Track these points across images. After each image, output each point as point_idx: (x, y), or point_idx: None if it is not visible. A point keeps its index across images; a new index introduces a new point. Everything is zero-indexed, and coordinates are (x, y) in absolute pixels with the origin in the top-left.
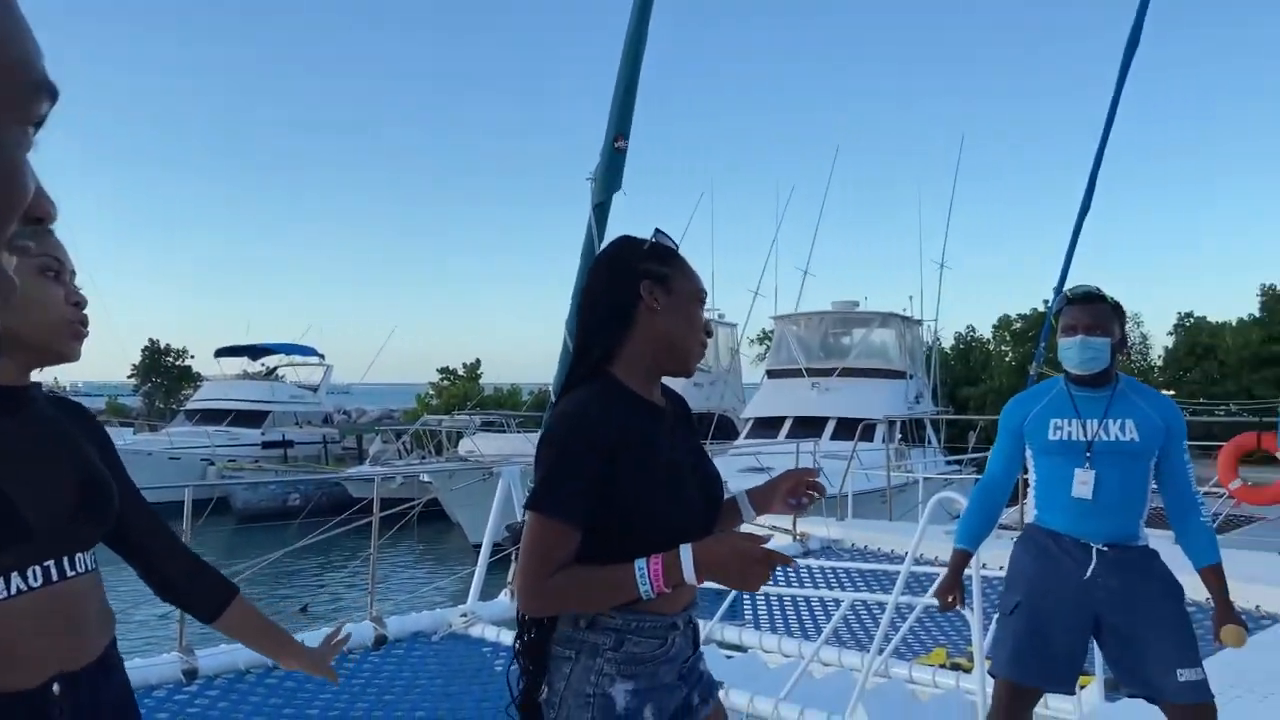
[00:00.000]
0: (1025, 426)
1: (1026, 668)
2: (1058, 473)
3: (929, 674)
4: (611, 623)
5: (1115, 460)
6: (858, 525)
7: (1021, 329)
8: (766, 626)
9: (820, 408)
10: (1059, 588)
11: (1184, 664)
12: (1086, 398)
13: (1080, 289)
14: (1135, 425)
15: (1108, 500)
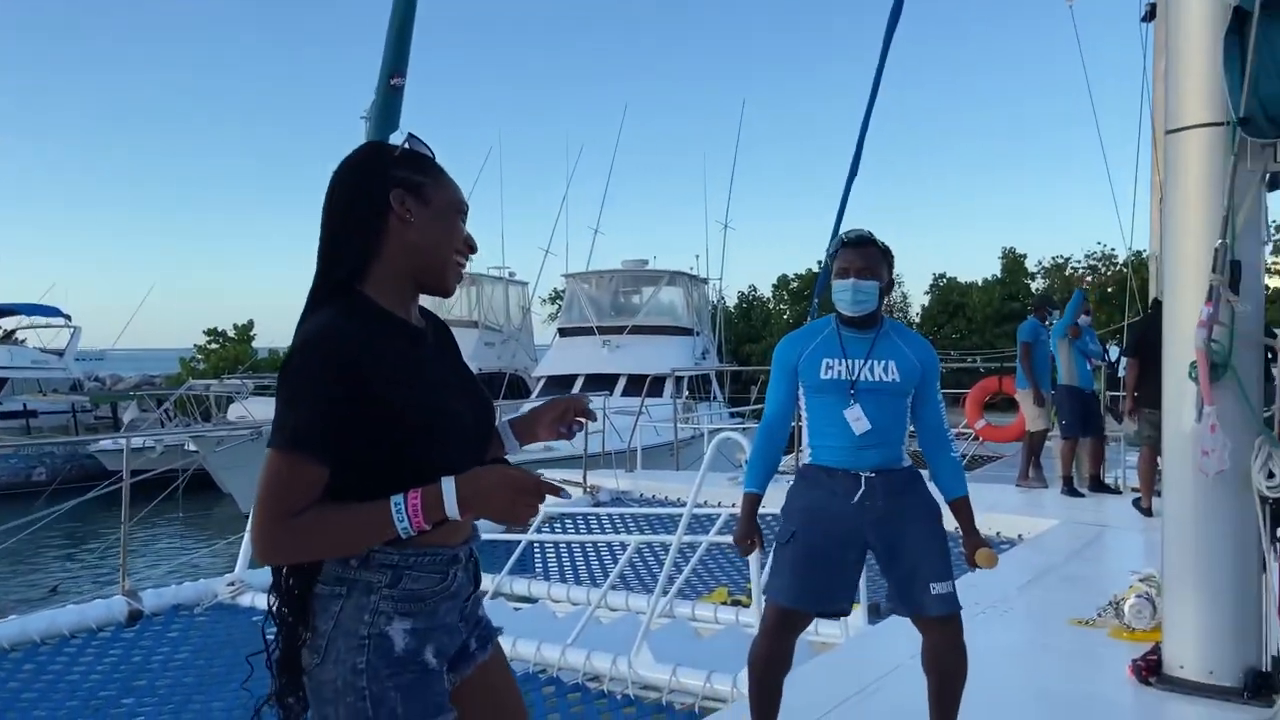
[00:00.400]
0: (799, 365)
1: (800, 594)
2: (827, 410)
3: (711, 611)
4: (388, 558)
5: (876, 398)
6: (646, 476)
7: (798, 288)
8: (556, 576)
9: (611, 365)
10: (831, 516)
11: (937, 578)
12: (854, 338)
13: (854, 233)
14: (896, 366)
15: (873, 433)
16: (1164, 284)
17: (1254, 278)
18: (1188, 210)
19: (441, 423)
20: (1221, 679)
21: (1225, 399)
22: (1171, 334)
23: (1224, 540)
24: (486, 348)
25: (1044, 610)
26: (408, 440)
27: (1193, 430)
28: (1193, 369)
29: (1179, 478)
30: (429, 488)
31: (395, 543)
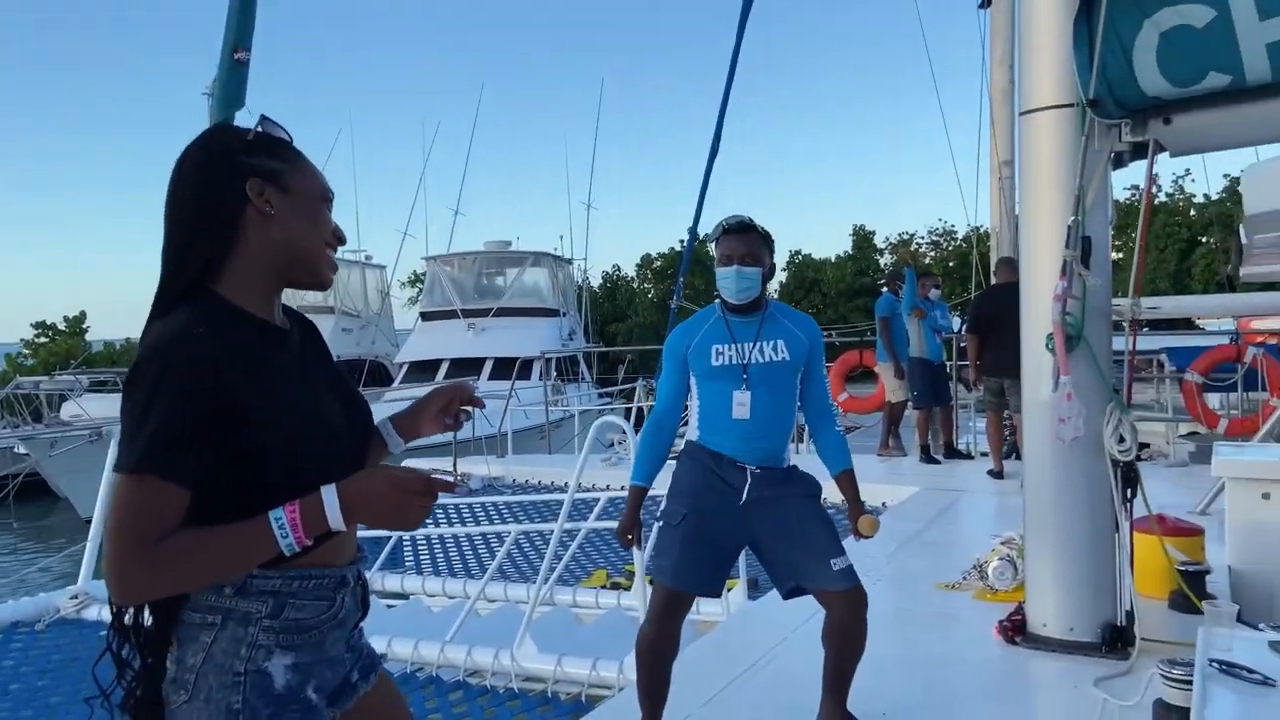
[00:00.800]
0: (689, 354)
1: (686, 576)
2: (719, 397)
3: (592, 597)
4: (268, 583)
5: (768, 379)
6: (518, 461)
7: (662, 267)
8: (429, 570)
9: (477, 348)
10: (719, 509)
11: (835, 554)
12: (740, 323)
13: (735, 219)
14: (785, 344)
15: (761, 420)
16: (1020, 260)
17: (1103, 252)
18: (1041, 189)
19: (314, 430)
20: (1081, 635)
21: (1079, 368)
22: (1029, 308)
23: (1080, 503)
24: (344, 334)
25: (911, 576)
26: (278, 451)
27: (1050, 399)
28: (1049, 341)
29: (1038, 445)
30: (308, 498)
31: (276, 565)
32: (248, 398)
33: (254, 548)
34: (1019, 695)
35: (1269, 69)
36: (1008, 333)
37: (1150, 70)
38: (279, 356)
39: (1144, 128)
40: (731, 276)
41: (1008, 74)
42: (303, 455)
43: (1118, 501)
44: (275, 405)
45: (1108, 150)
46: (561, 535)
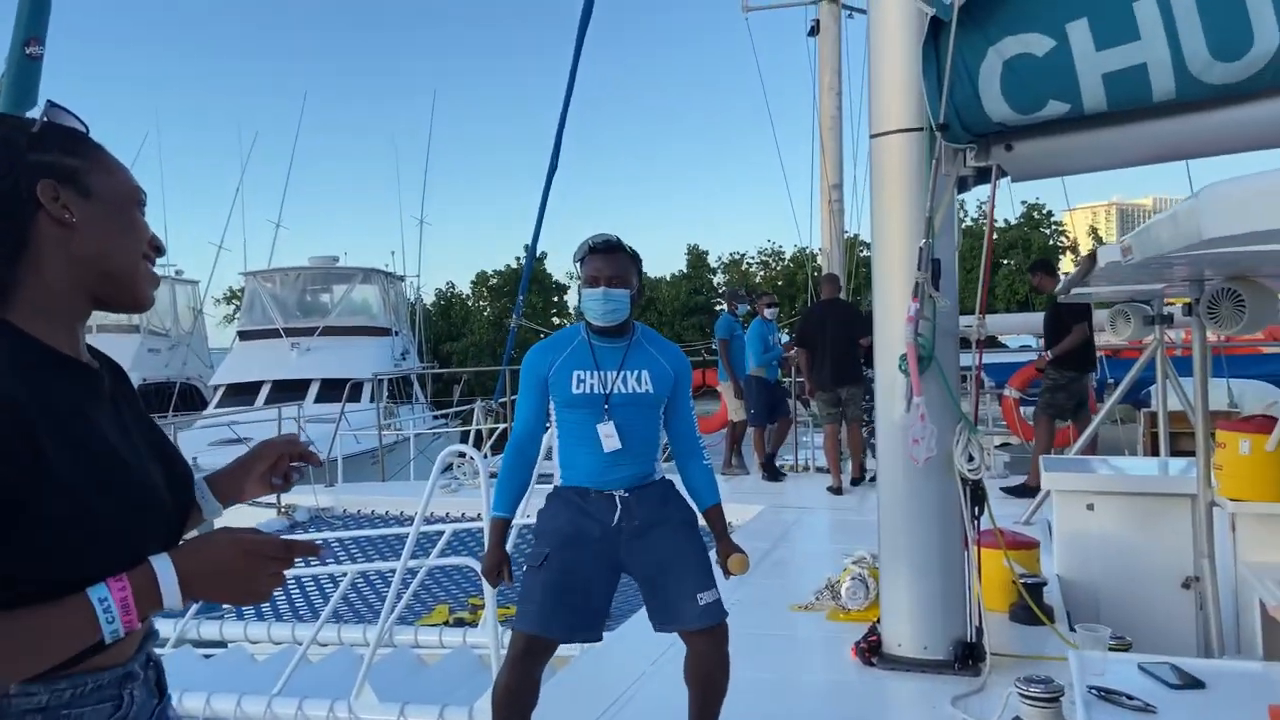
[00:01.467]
0: (550, 377)
1: (553, 622)
2: (580, 427)
3: (435, 635)
4: (33, 699)
5: (631, 411)
6: (349, 490)
7: (498, 284)
8: (251, 614)
9: (302, 369)
10: (586, 539)
11: (701, 587)
12: (606, 348)
13: (601, 238)
14: (650, 376)
15: (627, 448)
16: (873, 282)
17: (950, 274)
18: (892, 211)
19: (135, 494)
20: (935, 653)
21: (930, 389)
22: (882, 330)
23: (931, 521)
24: (151, 355)
25: (765, 598)
26: (91, 517)
27: (902, 420)
28: (902, 362)
29: (890, 466)
30: (138, 571)
31: (42, 674)
32: (57, 453)
33: (65, 637)
34: (879, 718)
35: (1105, 98)
36: (834, 345)
37: (995, 96)
38: (90, 403)
39: (987, 153)
40: (599, 299)
41: (835, 101)
42: (122, 523)
43: (967, 519)
44: (81, 460)
45: (954, 174)
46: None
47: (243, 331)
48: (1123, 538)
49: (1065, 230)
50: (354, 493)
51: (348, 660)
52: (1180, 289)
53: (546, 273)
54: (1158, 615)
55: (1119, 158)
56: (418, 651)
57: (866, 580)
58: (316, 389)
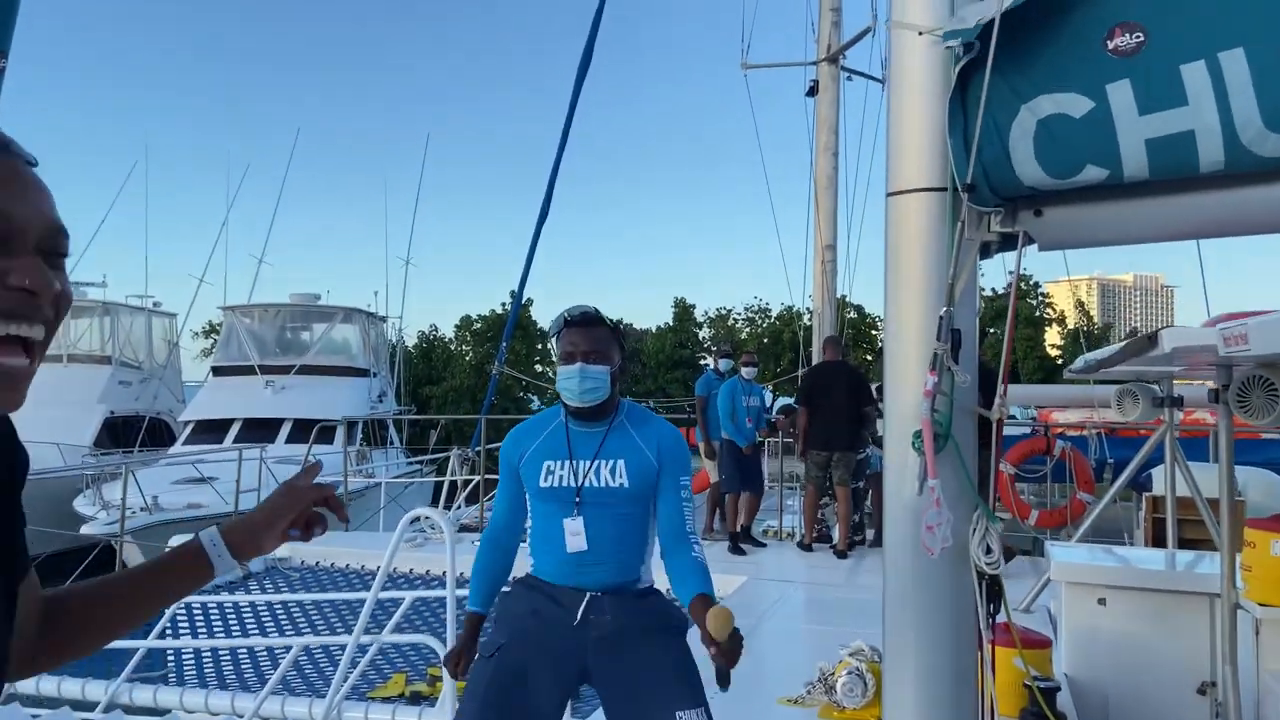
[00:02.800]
0: (520, 468)
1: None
2: (550, 521)
3: (388, 713)
4: None
5: (606, 509)
6: None
7: (482, 329)
8: (193, 680)
9: (275, 408)
10: (547, 632)
11: (683, 703)
12: (582, 434)
13: (578, 310)
14: (625, 467)
15: (600, 549)
16: (885, 350)
17: (970, 347)
18: (909, 276)
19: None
20: None
21: (945, 471)
22: (893, 403)
23: (943, 617)
24: (122, 387)
25: (749, 687)
26: None
27: (913, 502)
28: (916, 439)
29: (899, 554)
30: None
31: None
32: None
33: None
34: None
35: (1147, 165)
36: (833, 407)
37: (1027, 159)
38: None
39: (1014, 219)
40: (574, 377)
41: (832, 161)
42: None
43: (982, 617)
44: None
45: (978, 239)
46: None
47: (216, 367)
48: (1136, 636)
49: (1051, 302)
50: (315, 542)
51: None
52: (1204, 373)
53: (532, 319)
54: None
55: (1159, 230)
56: None
57: (864, 675)
58: (289, 429)
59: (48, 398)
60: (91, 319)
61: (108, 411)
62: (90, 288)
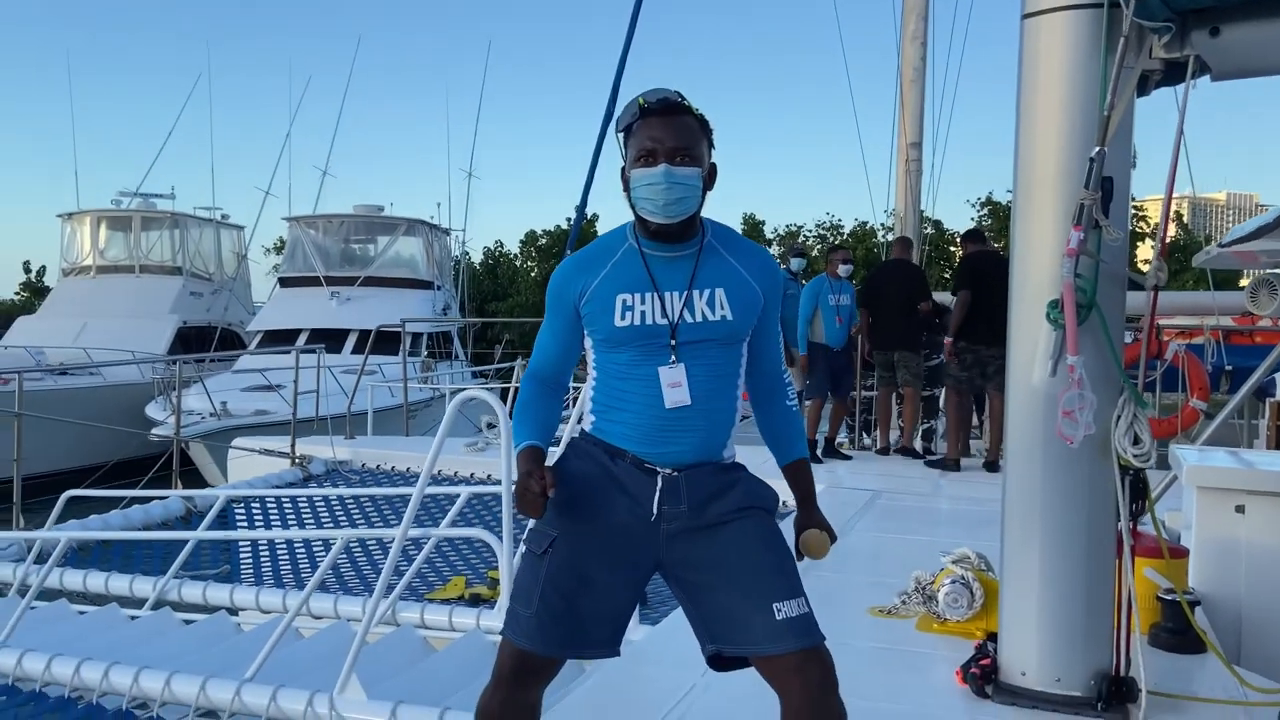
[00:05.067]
0: (582, 303)
1: (552, 633)
2: (630, 374)
3: (444, 615)
4: None
5: (704, 350)
6: (369, 444)
7: (547, 245)
8: (250, 577)
9: (340, 319)
10: (610, 528)
11: (781, 593)
12: (665, 260)
13: (657, 95)
14: (727, 297)
15: (691, 408)
16: (1014, 205)
17: (1124, 198)
18: (1047, 112)
19: None
20: (1071, 687)
21: (1087, 347)
22: (1023, 265)
23: (1078, 520)
24: (193, 298)
25: (837, 597)
26: None
27: (1045, 385)
28: (1053, 309)
29: (1024, 444)
30: None
31: None
32: None
33: None
34: None
35: None
36: (889, 306)
37: None
38: None
39: (1184, 40)
40: (658, 182)
41: (920, 51)
42: None
43: (1124, 519)
44: None
45: (1138, 68)
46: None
47: (283, 278)
48: (1277, 549)
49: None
50: (373, 447)
51: (344, 637)
52: None
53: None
54: None
55: None
56: (423, 633)
57: (971, 585)
58: (354, 339)
59: (122, 307)
60: (161, 230)
61: (180, 322)
62: (159, 199)
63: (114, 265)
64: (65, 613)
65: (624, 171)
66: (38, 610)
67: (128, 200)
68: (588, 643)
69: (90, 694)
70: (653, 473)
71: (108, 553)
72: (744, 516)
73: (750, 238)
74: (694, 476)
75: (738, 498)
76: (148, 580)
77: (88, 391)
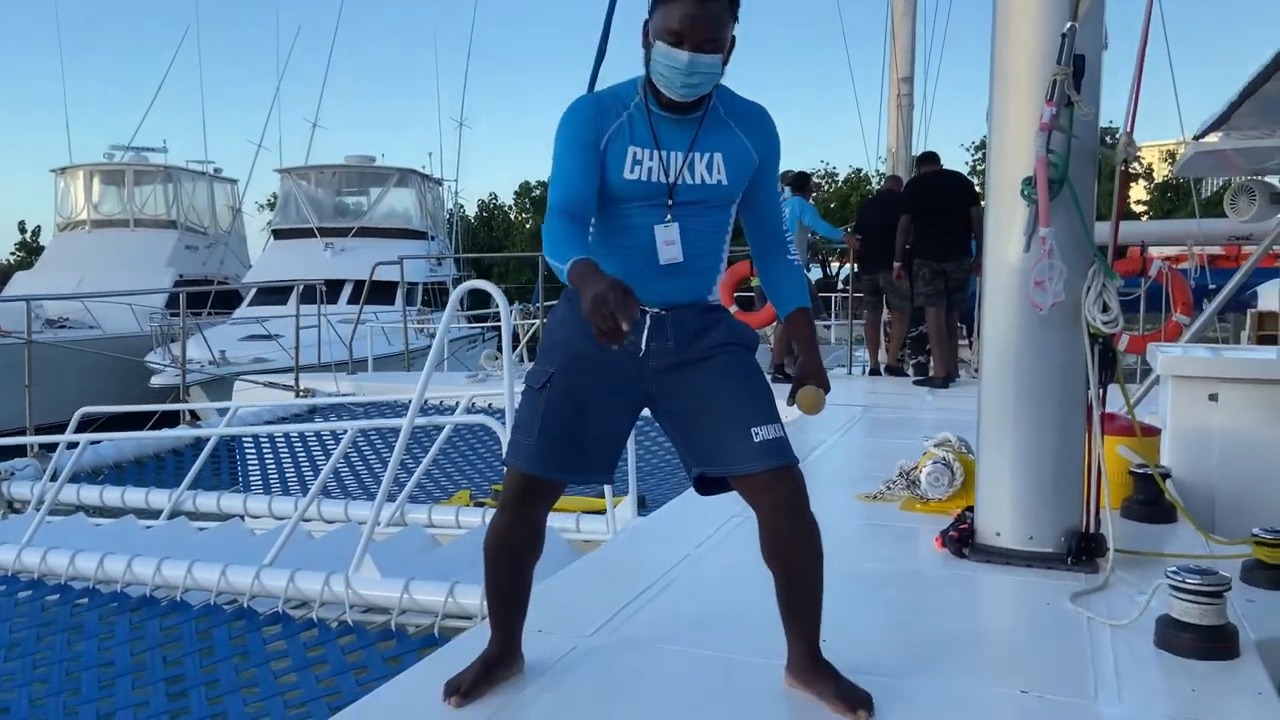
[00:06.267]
0: (603, 149)
1: (550, 458)
2: (625, 224)
3: (452, 515)
4: None
5: (698, 210)
6: (372, 378)
7: (541, 196)
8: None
9: (335, 270)
10: (602, 362)
11: (759, 419)
12: (669, 121)
13: None
14: (724, 162)
15: (684, 262)
16: (991, 83)
17: (1095, 75)
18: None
19: None
20: (1043, 544)
21: (1058, 220)
22: (999, 140)
23: (1050, 386)
24: (189, 252)
25: (825, 487)
26: None
27: (1019, 258)
28: (1026, 184)
29: (1000, 315)
30: None
31: None
32: None
33: None
34: (985, 616)
35: None
36: (880, 234)
37: None
38: None
39: None
40: (680, 68)
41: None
42: None
43: (1093, 385)
44: None
45: None
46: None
47: (277, 230)
48: (1251, 435)
49: (1139, 156)
50: (376, 380)
51: (355, 536)
52: None
53: None
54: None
55: None
56: (431, 531)
57: (952, 464)
58: (349, 290)
59: (117, 260)
60: (154, 184)
61: (176, 275)
62: (152, 153)
63: (108, 219)
64: (82, 525)
65: (646, 34)
66: (54, 524)
67: (120, 154)
68: (585, 467)
69: (114, 585)
70: (641, 312)
71: (122, 476)
72: (726, 351)
73: None
74: (679, 315)
75: (721, 334)
76: (162, 492)
77: (87, 343)
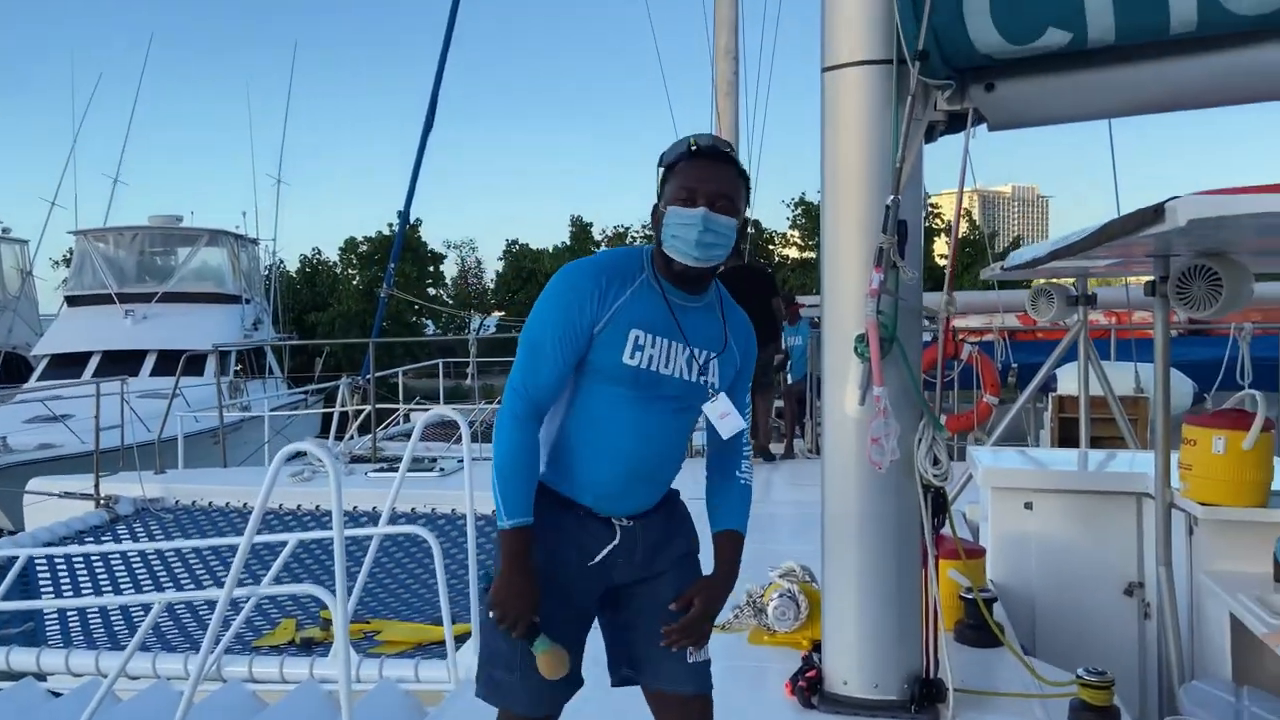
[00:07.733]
0: (599, 330)
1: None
2: (615, 412)
3: (275, 666)
4: None
5: (682, 405)
6: (183, 478)
7: (368, 251)
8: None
9: (137, 339)
10: (565, 583)
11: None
12: (678, 305)
13: (708, 138)
14: (718, 366)
15: (664, 463)
16: (821, 247)
17: (917, 240)
18: (848, 161)
19: None
20: (887, 692)
21: (891, 378)
22: (833, 304)
23: (887, 536)
24: None
25: None
26: None
27: (856, 414)
28: (859, 343)
29: (840, 471)
30: None
31: None
32: None
33: None
34: None
35: (1113, 28)
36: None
37: (983, 22)
38: None
39: (963, 94)
40: (695, 225)
41: (732, 65)
42: None
43: (928, 532)
44: None
45: (925, 119)
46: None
47: (70, 296)
48: (1063, 540)
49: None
50: (188, 480)
51: (165, 698)
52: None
53: (421, 240)
54: (1097, 625)
55: (1123, 102)
56: (252, 688)
57: (797, 598)
58: (153, 361)
59: None
60: None
61: None
62: None
63: None
64: None
65: (657, 207)
66: None
67: None
68: (573, 679)
69: None
70: (609, 524)
71: None
72: (680, 566)
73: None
74: (648, 524)
75: (680, 545)
76: None
77: None
